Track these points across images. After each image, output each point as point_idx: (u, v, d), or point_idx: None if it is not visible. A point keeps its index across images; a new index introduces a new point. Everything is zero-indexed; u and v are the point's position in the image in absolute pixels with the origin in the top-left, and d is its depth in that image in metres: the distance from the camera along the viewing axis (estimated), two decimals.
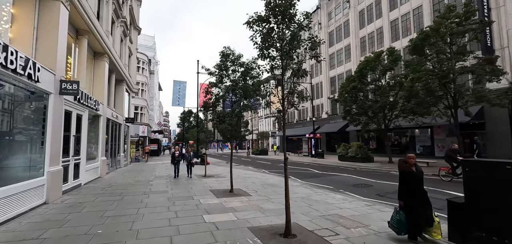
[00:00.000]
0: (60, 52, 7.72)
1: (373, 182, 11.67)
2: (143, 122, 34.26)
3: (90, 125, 11.55)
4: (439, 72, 13.24)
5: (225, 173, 14.87)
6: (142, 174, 14.08)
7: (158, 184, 10.67)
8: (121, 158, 18.14)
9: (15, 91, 6.19)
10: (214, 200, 7.77)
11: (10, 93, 6.06)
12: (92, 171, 11.37)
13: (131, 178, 12.42)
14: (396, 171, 15.63)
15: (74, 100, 8.98)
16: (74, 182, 9.31)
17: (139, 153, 27.98)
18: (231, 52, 9.43)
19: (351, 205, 7.24)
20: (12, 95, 6.14)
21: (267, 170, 17.90)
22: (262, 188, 10.09)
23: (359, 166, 18.56)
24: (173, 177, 12.65)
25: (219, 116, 9.00)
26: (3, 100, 5.96)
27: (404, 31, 27.31)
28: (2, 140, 5.92)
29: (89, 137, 11.25)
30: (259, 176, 13.97)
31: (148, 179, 12.14)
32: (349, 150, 22.25)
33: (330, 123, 36.63)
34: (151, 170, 16.70)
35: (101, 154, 12.58)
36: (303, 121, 45.95)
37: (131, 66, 22.11)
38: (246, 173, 14.96)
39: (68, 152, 8.83)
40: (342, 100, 19.28)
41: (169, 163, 22.76)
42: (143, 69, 34.82)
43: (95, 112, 11.69)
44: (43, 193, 6.94)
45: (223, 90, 9.05)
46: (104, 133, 13.08)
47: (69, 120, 8.95)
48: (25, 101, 6.54)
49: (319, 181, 12.40)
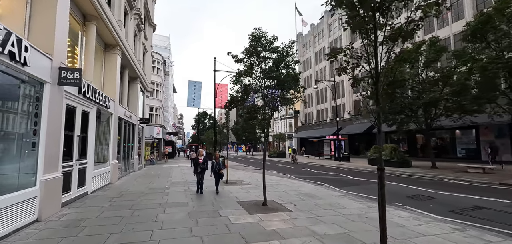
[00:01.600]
0: (59, 34, 6.32)
1: (432, 193, 9.59)
2: (158, 123, 33.31)
3: (99, 124, 10.22)
4: (508, 60, 10.93)
5: (248, 179, 13.22)
6: (157, 180, 12.64)
7: (175, 194, 9.11)
8: (135, 161, 16.90)
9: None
10: (247, 218, 6.08)
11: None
12: (101, 177, 10.01)
13: (145, 185, 10.98)
14: (449, 178, 13.52)
15: (78, 93, 7.60)
16: (78, 191, 7.91)
17: (154, 156, 26.89)
18: (263, 34, 7.75)
19: (433, 229, 5.33)
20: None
21: (292, 175, 16.07)
22: (299, 199, 8.31)
23: (397, 171, 16.36)
24: (195, 192, 9.32)
25: (250, 110, 7.32)
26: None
27: (442, 20, 24.74)
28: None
29: (98, 138, 9.91)
30: (287, 182, 12.18)
31: (163, 186, 10.65)
32: (383, 153, 19.97)
33: (354, 124, 34.25)
34: (166, 174, 15.30)
35: (112, 157, 11.25)
36: (322, 122, 43.70)
37: (146, 64, 20.98)
38: (271, 179, 13.23)
39: (71, 155, 7.44)
40: None
41: (185, 166, 21.41)
42: (158, 69, 33.94)
43: (105, 110, 10.35)
44: (35, 208, 5.51)
45: (256, 78, 7.36)
46: (115, 133, 11.76)
47: (72, 118, 7.56)
48: (10, 90, 5.11)
49: (360, 190, 10.47)
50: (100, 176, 9.83)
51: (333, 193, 9.62)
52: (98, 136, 10.07)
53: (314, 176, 15.50)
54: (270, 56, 7.73)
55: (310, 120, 47.99)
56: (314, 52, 47.23)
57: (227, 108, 8.02)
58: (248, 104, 7.59)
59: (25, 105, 5.58)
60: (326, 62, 43.16)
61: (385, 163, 19.09)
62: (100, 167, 10.13)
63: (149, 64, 22.26)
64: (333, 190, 10.46)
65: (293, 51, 7.87)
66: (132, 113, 15.76)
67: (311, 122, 47.40)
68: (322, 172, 17.73)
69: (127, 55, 13.44)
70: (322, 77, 44.73)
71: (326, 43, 43.31)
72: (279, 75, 7.27)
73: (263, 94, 7.45)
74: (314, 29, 47.87)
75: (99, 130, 10.33)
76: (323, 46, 44.25)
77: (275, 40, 7.80)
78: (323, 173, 17.13)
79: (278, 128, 61.16)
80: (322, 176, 15.16)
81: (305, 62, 50.33)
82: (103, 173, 10.21)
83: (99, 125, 10.33)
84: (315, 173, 16.90)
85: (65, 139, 7.01)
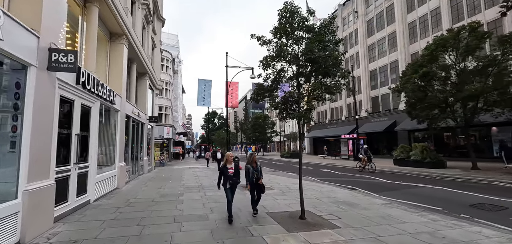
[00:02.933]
0: (49, 6, 5.06)
1: (498, 201, 7.93)
2: (167, 123, 32.30)
3: (104, 122, 9.01)
4: None
5: (268, 182, 11.81)
6: (169, 184, 11.37)
7: (191, 202, 7.78)
8: (145, 163, 15.74)
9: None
10: (288, 239, 4.66)
11: None
12: (106, 182, 8.78)
13: (155, 190, 9.71)
14: (502, 181, 11.53)
15: (76, 83, 6.36)
16: (78, 200, 6.68)
17: (164, 157, 25.81)
18: (296, 9, 6.32)
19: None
20: None
21: (314, 177, 14.56)
22: (340, 210, 6.85)
23: (433, 173, 14.61)
24: (213, 197, 8.23)
25: (286, 100, 5.87)
26: None
27: (468, 9, 22.71)
28: None
29: (102, 137, 8.70)
30: (314, 187, 10.71)
31: (176, 192, 9.35)
32: (411, 153, 18.22)
33: (372, 122, 32.36)
34: (178, 177, 14.04)
35: (119, 159, 10.03)
36: (336, 120, 41.87)
37: (155, 60, 19.86)
38: (294, 182, 11.78)
39: (67, 157, 6.20)
40: (408, 90, 15.42)
41: (196, 168, 20.15)
42: (167, 67, 32.93)
43: (111, 106, 9.13)
44: (17, 226, 4.24)
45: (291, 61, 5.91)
46: (123, 132, 10.55)
47: (69, 113, 6.33)
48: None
49: (403, 196, 8.91)
50: (105, 181, 8.61)
51: (374, 200, 8.10)
52: (102, 136, 8.86)
53: (340, 178, 13.95)
54: (304, 36, 6.29)
55: (323, 118, 46.19)
56: None
57: (253, 100, 6.61)
58: (283, 92, 6.15)
59: (2, 94, 4.32)
60: None
61: (416, 164, 17.40)
62: (105, 171, 8.91)
63: (158, 61, 21.14)
64: (371, 196, 8.94)
65: (333, 28, 6.42)
66: (140, 111, 14.59)
67: (324, 121, 45.60)
68: (347, 174, 16.14)
69: (134, 47, 12.25)
70: None
71: None
72: (317, 58, 5.79)
73: (298, 82, 6.00)
74: None
75: (103, 129, 9.13)
76: None
77: (312, 16, 6.36)
78: (348, 175, 15.55)
79: (288, 127, 59.54)
80: (349, 179, 13.60)
81: None
82: (108, 178, 8.99)
83: (103, 123, 9.13)
84: (339, 175, 15.34)
85: (60, 139, 5.77)
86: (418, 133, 26.67)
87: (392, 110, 30.40)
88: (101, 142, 8.86)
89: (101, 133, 8.73)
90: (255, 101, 6.59)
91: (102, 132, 8.84)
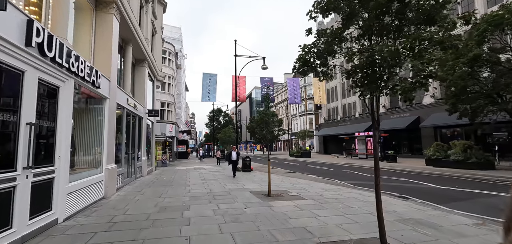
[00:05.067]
0: None
1: None
2: (170, 120, 30.15)
3: (85, 111, 6.81)
4: None
5: (291, 188, 9.49)
6: (171, 191, 9.14)
7: (201, 221, 5.52)
8: (143, 164, 13.54)
9: None
10: None
11: None
12: (87, 191, 6.56)
13: (153, 201, 7.47)
14: None
15: (27, 45, 4.13)
16: (33, 223, 4.46)
17: (166, 156, 23.67)
18: None
19: None
20: None
21: (343, 180, 12.23)
22: (426, 238, 4.54)
23: (485, 176, 12.20)
24: (233, 215, 5.91)
25: (373, 62, 3.51)
26: None
27: None
28: None
29: (82, 131, 6.50)
30: (356, 195, 8.40)
31: (180, 204, 7.10)
32: (450, 152, 15.79)
33: (391, 118, 29.84)
34: (182, 181, 11.82)
35: (107, 160, 7.81)
36: (350, 117, 39.41)
37: (155, 48, 17.66)
38: (323, 187, 9.48)
39: (13, 159, 3.99)
40: (455, 78, 12.98)
41: (202, 168, 17.75)
42: (170, 60, 30.75)
43: (94, 90, 6.91)
44: None
45: None
46: (112, 126, 8.34)
47: (14, 89, 4.11)
48: None
49: (480, 209, 6.57)
50: (84, 190, 6.38)
51: (456, 218, 5.79)
52: (82, 129, 6.67)
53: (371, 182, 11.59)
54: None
55: (334, 115, 43.72)
56: None
57: (295, 71, 4.32)
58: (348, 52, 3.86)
59: None
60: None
61: (457, 164, 14.99)
62: (85, 176, 6.69)
63: (159, 49, 18.93)
64: (442, 210, 6.63)
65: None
66: (138, 103, 12.39)
67: (335, 118, 43.12)
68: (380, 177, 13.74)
69: (129, 23, 10.04)
70: None
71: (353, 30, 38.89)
72: None
73: None
74: (337, 16, 43.40)
75: (84, 120, 6.94)
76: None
77: None
78: (382, 178, 13.15)
79: (296, 125, 57.16)
80: (389, 184, 11.25)
81: None
82: (90, 185, 6.76)
83: (84, 113, 6.94)
84: (369, 178, 12.96)
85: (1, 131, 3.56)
86: (446, 129, 24.16)
87: (414, 105, 27.87)
88: (80, 138, 6.67)
89: (80, 125, 6.54)
90: (302, 74, 4.29)
91: (82, 124, 6.65)
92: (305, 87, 52.18)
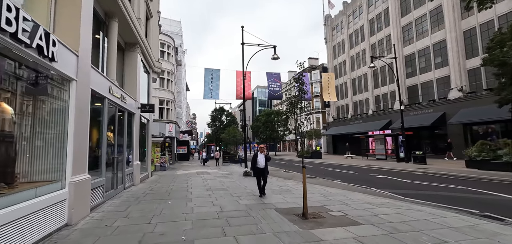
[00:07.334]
0: None
1: None
2: (170, 119, 27.75)
3: (37, 99, 4.39)
4: None
5: (325, 199, 7.04)
6: (166, 210, 6.71)
7: None
8: (135, 170, 11.12)
9: None
10: None
11: None
12: (32, 221, 4.14)
13: (138, 231, 5.02)
14: None
15: None
16: None
17: (165, 159, 21.25)
18: None
19: None
20: None
21: (381, 189, 9.77)
22: None
23: None
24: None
25: None
26: None
27: None
28: None
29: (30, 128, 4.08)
30: (428, 217, 5.93)
31: (177, 237, 4.67)
32: (502, 152, 13.30)
33: (411, 115, 27.28)
34: (182, 193, 9.37)
35: (72, 169, 5.39)
36: (361, 115, 36.93)
37: (151, 34, 15.25)
38: (361, 198, 7.06)
39: None
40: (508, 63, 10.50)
41: (206, 173, 15.10)
42: (169, 54, 28.37)
43: (44, 63, 4.49)
44: None
45: None
46: (83, 120, 5.92)
47: None
48: None
49: None
50: (26, 221, 3.95)
51: None
52: (34, 125, 4.28)
53: (418, 191, 9.11)
54: None
55: (344, 114, 41.23)
56: (348, 34, 40.41)
57: None
58: None
59: None
60: (365, 44, 36.43)
61: (506, 166, 12.52)
62: (30, 196, 4.27)
63: (155, 36, 16.53)
64: None
65: None
66: (127, 94, 9.97)
67: (345, 116, 40.63)
68: (417, 182, 11.28)
69: None
70: (359, 63, 37.94)
71: (364, 22, 36.48)
72: None
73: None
74: (347, 7, 41.00)
75: (38, 112, 4.55)
76: (361, 25, 37.42)
77: None
78: (418, 183, 10.69)
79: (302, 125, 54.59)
80: (440, 193, 8.79)
81: (336, 47, 43.59)
82: (39, 210, 4.33)
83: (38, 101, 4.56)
84: (410, 185, 10.49)
85: None
86: (477, 126, 21.65)
87: (438, 100, 25.38)
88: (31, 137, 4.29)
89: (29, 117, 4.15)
90: None
91: (34, 117, 4.24)
92: (312, 85, 49.74)
